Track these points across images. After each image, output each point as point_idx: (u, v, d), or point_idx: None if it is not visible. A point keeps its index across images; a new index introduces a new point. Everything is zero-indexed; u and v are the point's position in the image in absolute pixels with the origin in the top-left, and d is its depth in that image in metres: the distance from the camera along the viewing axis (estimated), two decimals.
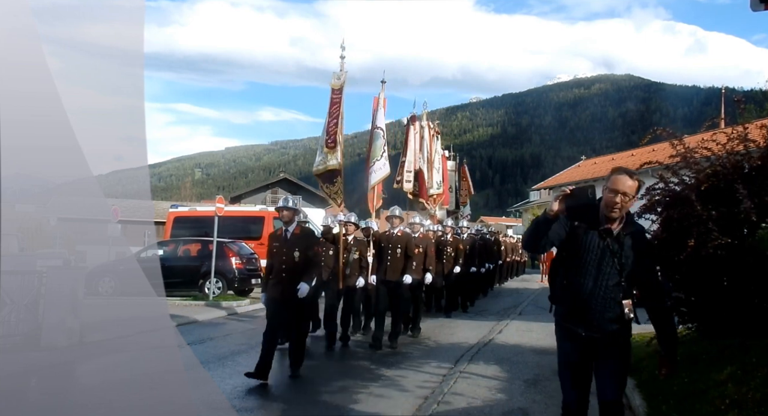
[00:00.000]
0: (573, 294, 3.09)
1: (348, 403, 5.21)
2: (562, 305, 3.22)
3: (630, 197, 3.03)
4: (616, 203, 2.99)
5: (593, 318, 3.03)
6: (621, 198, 2.99)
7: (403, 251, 8.10)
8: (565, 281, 3.15)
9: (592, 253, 3.05)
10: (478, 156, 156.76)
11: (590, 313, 3.04)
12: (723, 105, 20.63)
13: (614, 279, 3.03)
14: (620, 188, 3.00)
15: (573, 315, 3.12)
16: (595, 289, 3.03)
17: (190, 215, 17.95)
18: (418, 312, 9.32)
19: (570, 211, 3.00)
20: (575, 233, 3.08)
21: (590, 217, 3.09)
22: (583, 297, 3.05)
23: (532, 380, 6.13)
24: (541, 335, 9.03)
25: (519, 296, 16.33)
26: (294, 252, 6.04)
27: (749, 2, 3.82)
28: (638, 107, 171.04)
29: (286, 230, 6.22)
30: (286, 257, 6.04)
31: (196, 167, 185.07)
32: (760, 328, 5.07)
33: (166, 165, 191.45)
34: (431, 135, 15.21)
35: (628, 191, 3.00)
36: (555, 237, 3.08)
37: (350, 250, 8.19)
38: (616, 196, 3.00)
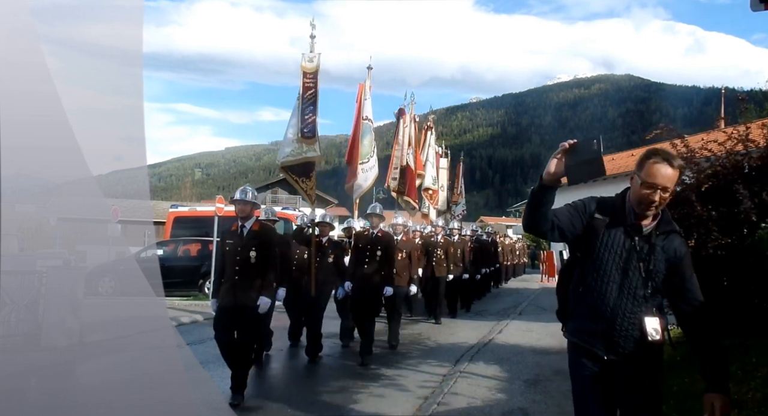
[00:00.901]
0: (592, 304, 2.46)
1: (348, 403, 5.21)
2: (577, 319, 2.56)
3: (670, 192, 2.37)
4: (653, 201, 2.34)
5: (617, 337, 2.41)
6: (660, 195, 2.33)
7: (383, 255, 7.02)
8: (581, 287, 2.51)
9: (615, 253, 2.43)
10: (478, 156, 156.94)
11: (614, 330, 2.41)
12: (723, 105, 20.61)
13: (643, 289, 2.41)
14: (659, 181, 2.32)
15: (592, 331, 2.47)
16: (621, 299, 2.41)
17: (190, 215, 17.95)
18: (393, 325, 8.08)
19: (571, 171, 2.30)
20: (594, 227, 2.46)
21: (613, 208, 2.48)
22: (606, 308, 2.42)
23: (532, 380, 6.12)
24: (541, 335, 9.02)
25: (519, 296, 16.31)
26: (250, 252, 5.24)
27: (749, 2, 3.81)
28: (638, 107, 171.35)
29: (242, 226, 5.39)
30: (240, 258, 5.23)
31: (196, 167, 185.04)
32: (760, 328, 5.08)
33: (166, 165, 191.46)
34: (424, 129, 14.54)
35: (669, 184, 2.33)
36: (567, 226, 2.44)
37: (325, 253, 7.28)
38: (654, 193, 2.33)
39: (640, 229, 2.43)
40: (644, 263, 2.39)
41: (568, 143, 2.31)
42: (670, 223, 2.49)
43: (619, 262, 2.42)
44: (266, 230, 5.62)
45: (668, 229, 2.46)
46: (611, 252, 2.43)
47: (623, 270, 2.41)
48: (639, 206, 2.40)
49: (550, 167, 2.29)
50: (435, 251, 10.56)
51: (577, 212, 2.48)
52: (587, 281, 2.48)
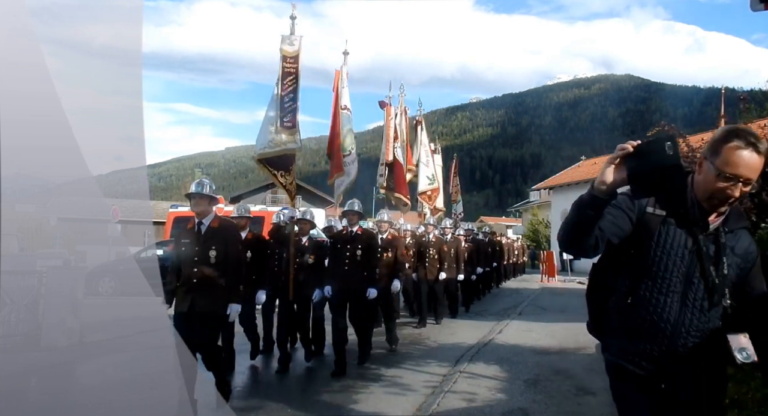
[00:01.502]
0: (646, 320, 2.01)
1: (348, 403, 5.21)
2: (624, 337, 2.07)
3: (752, 185, 1.92)
4: (730, 197, 1.90)
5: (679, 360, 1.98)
6: (741, 189, 1.88)
7: (364, 254, 6.54)
8: (631, 298, 2.04)
9: (676, 256, 1.98)
10: (478, 156, 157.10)
11: (675, 351, 1.98)
12: (723, 105, 20.58)
13: (711, 300, 1.99)
14: (742, 172, 1.85)
15: (645, 353, 2.02)
16: (684, 313, 1.98)
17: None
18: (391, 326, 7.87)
19: (636, 182, 1.84)
20: (646, 224, 2.01)
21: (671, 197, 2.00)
22: (665, 325, 1.98)
23: (532, 380, 6.12)
24: (541, 335, 9.03)
25: (519, 296, 16.30)
26: (210, 251, 4.69)
27: (749, 2, 3.81)
28: (638, 107, 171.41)
29: (200, 222, 4.83)
30: (198, 259, 4.69)
31: (196, 167, 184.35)
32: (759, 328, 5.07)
33: (166, 165, 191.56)
34: (415, 124, 13.78)
35: (753, 175, 1.87)
36: (613, 232, 1.98)
37: (304, 253, 6.72)
38: (734, 186, 1.87)
39: (706, 226, 1.99)
40: (713, 267, 1.97)
41: (631, 145, 1.84)
42: (741, 218, 2.07)
43: (680, 267, 1.98)
44: (227, 226, 5.00)
45: (740, 225, 2.04)
46: (670, 255, 1.99)
47: (686, 277, 1.98)
48: (710, 200, 1.95)
49: (606, 175, 1.86)
50: (427, 251, 10.13)
51: (622, 211, 2.01)
52: (639, 291, 2.03)
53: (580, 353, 7.41)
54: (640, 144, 1.82)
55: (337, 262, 6.57)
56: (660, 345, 1.99)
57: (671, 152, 1.76)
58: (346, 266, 6.48)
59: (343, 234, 6.73)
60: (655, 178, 1.80)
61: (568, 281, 21.83)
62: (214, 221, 4.87)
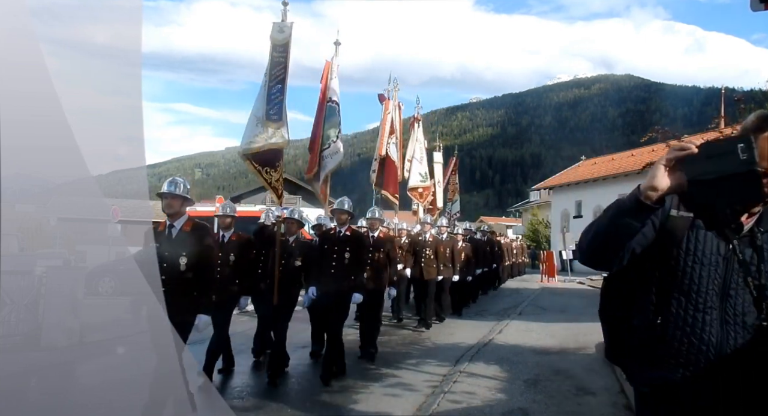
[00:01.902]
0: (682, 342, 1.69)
1: (348, 403, 5.21)
2: (653, 362, 1.74)
3: None
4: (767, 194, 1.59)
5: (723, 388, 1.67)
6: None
7: (352, 257, 6.21)
8: (660, 318, 1.72)
9: (709, 265, 1.69)
10: (478, 156, 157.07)
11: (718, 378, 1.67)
12: (723, 105, 20.60)
13: (755, 314, 1.66)
14: None
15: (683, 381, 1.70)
16: (726, 332, 1.67)
17: (194, 215, 17.88)
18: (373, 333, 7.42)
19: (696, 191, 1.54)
20: (671, 229, 1.71)
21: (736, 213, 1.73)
22: (705, 348, 1.67)
23: (532, 380, 6.12)
24: (541, 335, 9.03)
25: (519, 296, 16.31)
26: (180, 258, 4.35)
27: (749, 2, 3.81)
28: (638, 107, 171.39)
29: (171, 225, 4.46)
30: (168, 265, 4.34)
31: (196, 167, 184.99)
32: None
33: (166, 165, 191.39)
34: (411, 121, 13.70)
35: None
36: (637, 240, 1.67)
37: (292, 254, 6.24)
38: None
39: (740, 227, 1.71)
40: (753, 276, 1.67)
41: (694, 145, 1.52)
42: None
43: (716, 277, 1.68)
44: (200, 228, 4.59)
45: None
46: (703, 264, 1.69)
47: (722, 291, 1.68)
48: None
49: (659, 179, 1.55)
50: (423, 251, 9.85)
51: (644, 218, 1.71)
52: (670, 307, 1.71)
53: (580, 353, 7.42)
54: (706, 144, 1.52)
55: (324, 264, 6.22)
56: (699, 370, 1.68)
57: (745, 155, 1.44)
58: (332, 269, 6.14)
59: (332, 235, 6.40)
60: (722, 187, 1.48)
61: (568, 282, 21.83)
62: (187, 224, 4.48)
